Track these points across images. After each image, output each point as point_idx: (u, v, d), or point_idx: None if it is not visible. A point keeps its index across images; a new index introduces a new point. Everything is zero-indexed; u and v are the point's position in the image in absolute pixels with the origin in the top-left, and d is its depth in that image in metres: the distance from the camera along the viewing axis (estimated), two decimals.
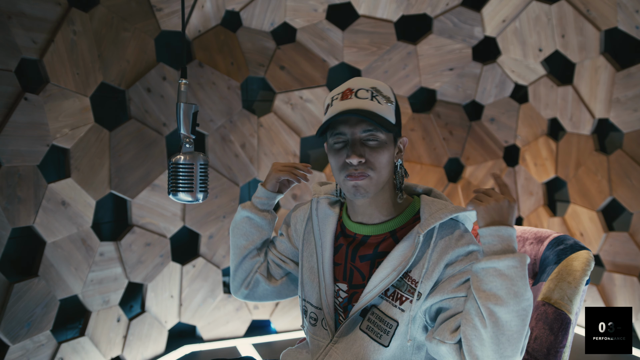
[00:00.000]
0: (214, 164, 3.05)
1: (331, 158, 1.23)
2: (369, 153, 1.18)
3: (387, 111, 1.20)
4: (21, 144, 2.14)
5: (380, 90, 1.21)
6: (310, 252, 1.35)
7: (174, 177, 1.50)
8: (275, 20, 3.19)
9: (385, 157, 1.20)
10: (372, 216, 1.26)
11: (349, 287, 1.26)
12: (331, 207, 1.36)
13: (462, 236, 1.20)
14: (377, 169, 1.19)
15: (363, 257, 1.26)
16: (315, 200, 1.37)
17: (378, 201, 1.25)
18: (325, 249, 1.31)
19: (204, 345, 3.08)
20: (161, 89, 2.81)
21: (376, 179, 1.19)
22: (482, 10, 3.49)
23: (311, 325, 1.31)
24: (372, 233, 1.26)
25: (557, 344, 1.20)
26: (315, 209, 1.36)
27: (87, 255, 2.49)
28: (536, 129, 3.78)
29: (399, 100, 3.57)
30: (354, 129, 1.18)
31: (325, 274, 1.29)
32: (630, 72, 3.03)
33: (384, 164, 1.19)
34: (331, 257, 1.30)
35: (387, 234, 1.25)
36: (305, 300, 1.33)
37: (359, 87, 1.21)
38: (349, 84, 1.23)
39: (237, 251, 1.47)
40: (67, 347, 2.40)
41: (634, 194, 3.05)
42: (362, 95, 1.19)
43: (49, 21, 2.26)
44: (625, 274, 3.09)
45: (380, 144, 1.19)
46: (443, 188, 3.70)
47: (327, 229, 1.33)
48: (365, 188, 1.19)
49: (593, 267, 1.28)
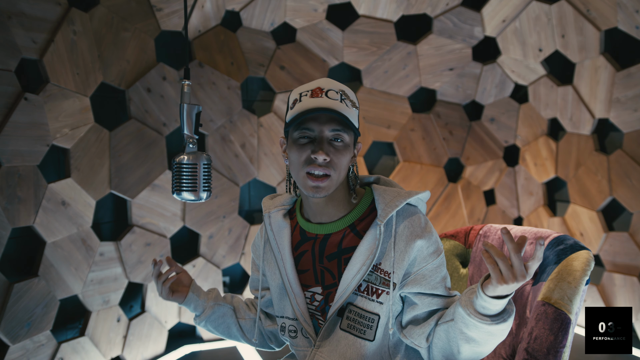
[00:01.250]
0: (214, 164, 3.05)
1: (293, 152, 1.24)
2: (334, 153, 1.21)
3: (352, 115, 1.24)
4: (21, 144, 2.14)
5: (348, 95, 1.25)
6: (273, 270, 1.35)
7: (178, 176, 1.51)
8: (275, 20, 3.19)
9: (346, 159, 1.23)
10: (330, 214, 1.29)
11: (323, 289, 1.27)
12: (284, 218, 1.36)
13: (426, 224, 1.25)
14: (338, 169, 1.22)
15: (330, 256, 1.27)
16: (267, 215, 1.37)
17: (334, 200, 1.27)
18: (286, 260, 1.31)
19: (204, 345, 3.08)
20: (161, 89, 2.81)
21: (335, 179, 1.22)
22: (482, 10, 3.49)
23: (292, 339, 1.32)
24: (331, 231, 1.28)
25: (557, 344, 1.20)
26: (268, 224, 1.36)
27: (87, 255, 2.49)
28: (536, 129, 3.78)
29: (399, 100, 3.57)
30: (323, 127, 1.21)
31: (292, 283, 1.29)
32: (630, 72, 3.03)
33: (344, 165, 1.23)
34: (293, 266, 1.30)
35: (347, 229, 1.28)
36: (282, 317, 1.34)
37: (329, 87, 1.24)
38: (318, 83, 1.25)
39: (233, 337, 1.52)
40: (67, 347, 2.40)
41: (634, 194, 3.05)
42: (332, 96, 1.22)
43: (49, 21, 2.26)
44: (625, 274, 3.09)
45: (345, 146, 1.23)
46: (443, 188, 3.70)
47: (283, 241, 1.33)
48: (325, 189, 1.22)
49: (593, 267, 1.28)
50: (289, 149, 1.27)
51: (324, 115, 1.20)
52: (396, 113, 3.57)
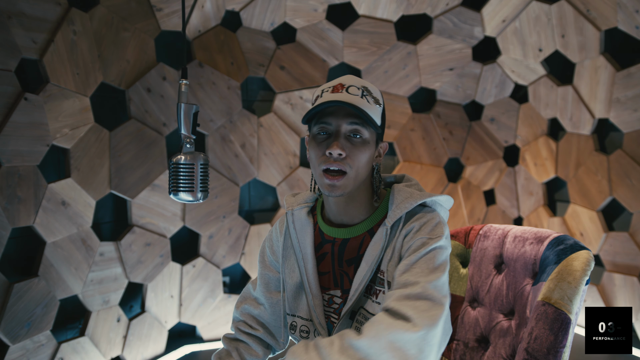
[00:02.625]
0: (214, 164, 3.05)
1: (311, 149, 1.21)
2: (351, 148, 1.16)
3: (374, 111, 1.20)
4: (21, 144, 2.14)
5: (370, 91, 1.21)
6: (292, 267, 1.32)
7: (175, 177, 1.50)
8: (275, 20, 3.19)
9: (365, 156, 1.18)
10: (351, 215, 1.25)
11: (342, 293, 1.25)
12: (308, 216, 1.31)
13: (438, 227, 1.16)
14: (355, 166, 1.17)
15: (349, 261, 1.24)
16: (290, 212, 1.32)
17: (355, 200, 1.23)
18: (307, 260, 1.28)
19: (204, 345, 3.08)
20: (161, 89, 2.81)
21: (353, 177, 1.17)
22: (482, 10, 3.49)
23: (304, 339, 1.30)
24: (350, 235, 1.25)
25: (557, 344, 1.20)
26: (291, 221, 1.31)
27: (87, 255, 2.49)
28: (536, 129, 3.78)
29: (399, 100, 3.57)
30: (341, 121, 1.17)
31: (311, 284, 1.27)
32: (630, 72, 3.03)
33: (362, 163, 1.18)
34: (314, 266, 1.27)
35: (366, 233, 1.24)
36: (294, 315, 1.31)
37: (351, 84, 1.21)
38: (341, 80, 1.22)
39: None
40: (67, 347, 2.40)
41: (634, 194, 3.05)
42: (353, 92, 1.19)
43: (49, 21, 2.26)
44: (625, 274, 3.09)
45: (364, 142, 1.18)
46: (443, 188, 3.70)
47: (306, 240, 1.29)
48: (342, 187, 1.17)
49: (593, 267, 1.28)
50: (308, 146, 1.24)
51: (342, 109, 1.17)
52: (396, 113, 3.57)
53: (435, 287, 1.08)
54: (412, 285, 1.08)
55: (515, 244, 1.41)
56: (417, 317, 1.03)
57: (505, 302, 1.38)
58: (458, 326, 1.47)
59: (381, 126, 1.23)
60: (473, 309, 1.46)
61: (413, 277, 1.10)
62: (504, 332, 1.36)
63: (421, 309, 1.04)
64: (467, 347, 1.43)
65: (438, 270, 1.11)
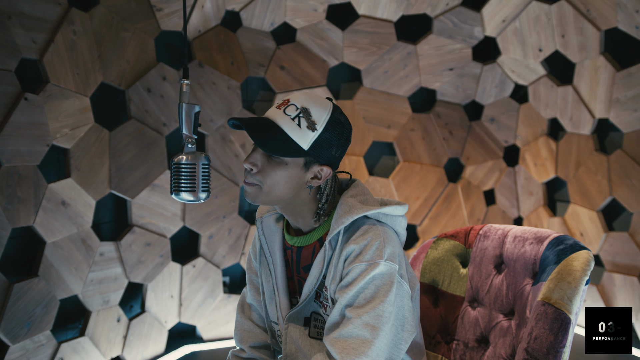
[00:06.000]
0: (214, 164, 3.05)
1: None
2: (265, 165, 1.17)
3: (299, 135, 1.15)
4: (21, 144, 2.14)
5: (310, 114, 1.16)
6: (267, 273, 1.33)
7: (177, 177, 1.50)
8: (275, 20, 3.19)
9: (279, 175, 1.16)
10: (302, 225, 1.26)
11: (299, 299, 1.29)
12: (276, 222, 1.33)
13: (379, 250, 1.14)
14: (267, 183, 1.17)
15: (305, 267, 1.27)
16: (259, 220, 1.34)
17: (298, 214, 1.24)
18: (277, 265, 1.30)
19: (204, 345, 3.08)
20: (161, 89, 2.81)
21: (266, 192, 1.17)
22: (482, 10, 3.49)
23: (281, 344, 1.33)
24: (303, 244, 1.26)
25: (557, 344, 1.20)
26: (260, 228, 1.33)
27: (87, 255, 2.49)
28: (536, 129, 3.78)
29: (399, 100, 3.57)
30: None
31: (279, 289, 1.29)
32: (630, 72, 3.03)
33: (276, 181, 1.16)
34: (283, 271, 1.30)
35: (316, 242, 1.24)
36: (272, 322, 1.33)
37: (294, 102, 1.17)
38: (291, 95, 1.20)
39: None
40: (67, 347, 2.40)
41: (634, 194, 3.05)
42: (289, 112, 1.16)
43: (49, 21, 2.26)
44: (625, 274, 3.09)
45: (280, 162, 1.16)
46: (443, 188, 3.70)
47: (275, 246, 1.31)
48: (252, 196, 1.18)
49: (593, 267, 1.28)
50: None
51: (266, 125, 1.16)
52: (396, 113, 3.57)
53: (369, 319, 1.12)
54: (345, 323, 1.13)
55: (515, 244, 1.41)
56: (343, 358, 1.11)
57: (505, 302, 1.38)
58: (458, 326, 1.47)
59: (314, 150, 1.16)
60: (473, 309, 1.46)
61: (350, 311, 1.13)
62: (504, 332, 1.36)
63: (351, 347, 1.11)
64: (467, 347, 1.44)
65: (375, 298, 1.13)
